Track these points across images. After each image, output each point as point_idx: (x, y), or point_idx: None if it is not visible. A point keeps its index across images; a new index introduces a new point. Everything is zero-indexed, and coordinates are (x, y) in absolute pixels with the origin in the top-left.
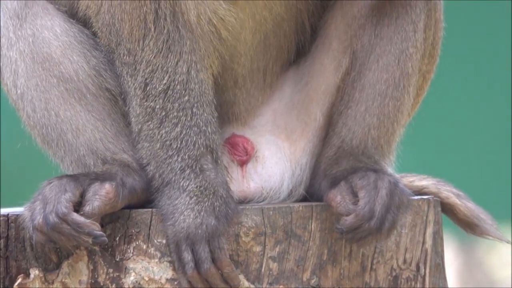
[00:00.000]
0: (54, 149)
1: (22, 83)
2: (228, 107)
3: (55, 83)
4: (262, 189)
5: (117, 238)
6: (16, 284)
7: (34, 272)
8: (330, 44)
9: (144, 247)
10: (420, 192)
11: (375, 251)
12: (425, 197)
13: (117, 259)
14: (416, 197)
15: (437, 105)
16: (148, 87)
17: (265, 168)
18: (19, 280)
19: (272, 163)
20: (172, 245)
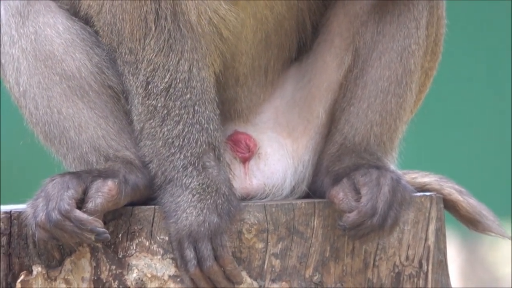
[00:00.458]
0: (57, 146)
1: (25, 80)
2: (230, 105)
3: (58, 80)
4: (265, 186)
5: (120, 235)
6: (19, 281)
7: (37, 269)
8: (332, 41)
9: (147, 244)
10: (422, 188)
11: (378, 248)
12: (428, 193)
13: (120, 256)
14: (419, 194)
15: (439, 102)
16: (149, 86)
17: (268, 165)
18: (22, 277)
19: (275, 160)
20: (175, 243)
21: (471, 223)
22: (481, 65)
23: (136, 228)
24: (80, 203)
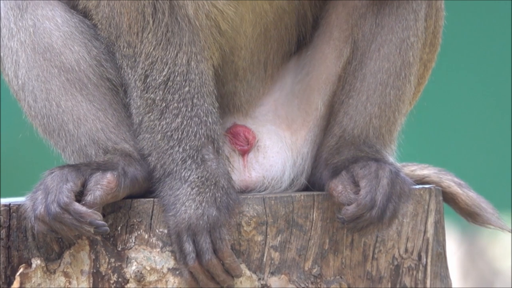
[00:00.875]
0: (56, 139)
1: (23, 73)
2: (229, 99)
3: (56, 73)
4: (264, 179)
5: (119, 227)
6: (18, 273)
7: (36, 262)
8: (331, 33)
9: (146, 236)
10: (421, 181)
11: (377, 241)
12: (427, 186)
13: (119, 249)
14: (418, 186)
15: (439, 94)
16: (148, 79)
17: (267, 158)
18: (21, 270)
19: (274, 153)
20: (174, 236)
21: (470, 216)
22: (481, 57)
23: (135, 221)
24: (79, 196)
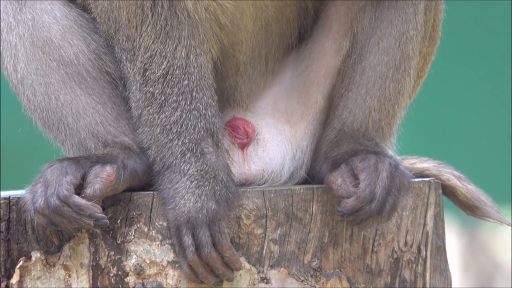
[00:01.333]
0: (55, 133)
1: (22, 67)
2: (230, 93)
3: (55, 67)
4: (263, 172)
5: (119, 220)
6: (18, 266)
7: (36, 255)
8: (330, 26)
9: (146, 229)
10: (421, 174)
11: (376, 234)
12: (426, 179)
13: (119, 242)
14: (417, 180)
15: (438, 88)
16: (147, 73)
17: (266, 151)
18: (21, 263)
19: (273, 146)
20: (173, 229)
21: (469, 209)
22: (480, 50)
23: (134, 214)
24: (79, 189)
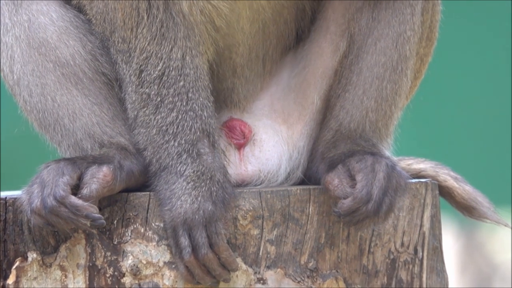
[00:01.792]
0: (51, 134)
1: (18, 68)
2: (227, 95)
3: (51, 68)
4: (260, 172)
5: (115, 221)
6: (14, 267)
7: (32, 256)
8: (327, 27)
9: (142, 230)
10: (418, 175)
11: (373, 234)
12: (423, 180)
13: (115, 243)
14: (414, 180)
15: (435, 88)
16: (143, 74)
17: (263, 152)
18: (17, 264)
19: (270, 146)
20: (169, 230)
21: (466, 210)
22: (477, 51)
23: (131, 214)
24: (75, 189)
